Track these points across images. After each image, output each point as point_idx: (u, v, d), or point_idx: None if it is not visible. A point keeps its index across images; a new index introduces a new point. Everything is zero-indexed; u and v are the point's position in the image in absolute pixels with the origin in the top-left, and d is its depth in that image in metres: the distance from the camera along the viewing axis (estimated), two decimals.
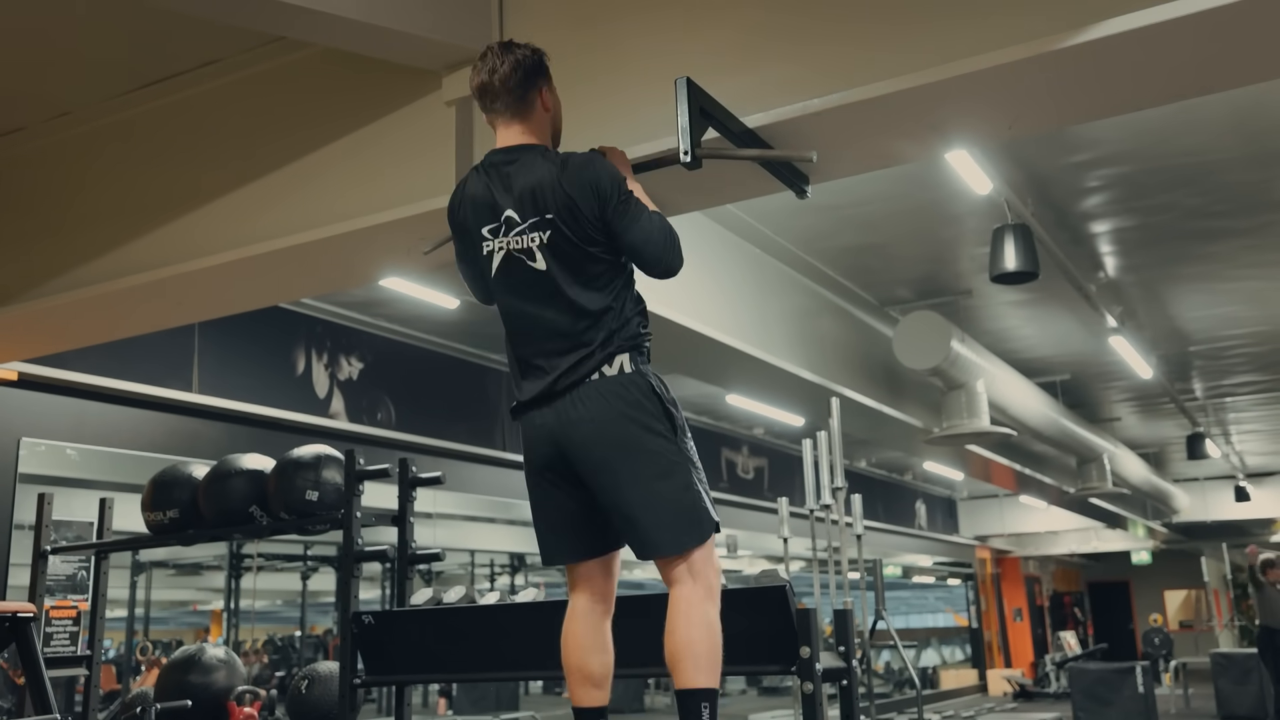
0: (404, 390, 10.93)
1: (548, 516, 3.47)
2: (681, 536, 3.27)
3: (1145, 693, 13.54)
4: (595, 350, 3.31)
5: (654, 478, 3.27)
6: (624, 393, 3.29)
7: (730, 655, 3.38)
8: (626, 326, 3.37)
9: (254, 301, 6.29)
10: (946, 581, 29.08)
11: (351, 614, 5.39)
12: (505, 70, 3.45)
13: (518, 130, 3.49)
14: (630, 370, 3.32)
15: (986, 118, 4.16)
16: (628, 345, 3.34)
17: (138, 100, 5.57)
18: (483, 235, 3.44)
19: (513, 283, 3.40)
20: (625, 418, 3.27)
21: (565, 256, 3.32)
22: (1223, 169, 8.31)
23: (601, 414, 3.28)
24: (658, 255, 3.38)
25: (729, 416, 16.11)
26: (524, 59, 3.49)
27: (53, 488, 6.98)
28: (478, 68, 3.50)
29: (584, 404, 3.29)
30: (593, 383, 3.30)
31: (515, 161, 3.41)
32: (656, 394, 3.33)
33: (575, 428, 3.29)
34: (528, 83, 3.48)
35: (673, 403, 3.37)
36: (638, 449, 3.27)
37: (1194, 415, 18.27)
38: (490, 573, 16.96)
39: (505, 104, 3.48)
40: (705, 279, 8.11)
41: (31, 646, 5.56)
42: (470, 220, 3.48)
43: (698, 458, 3.41)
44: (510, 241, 3.37)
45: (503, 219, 3.38)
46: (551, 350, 3.36)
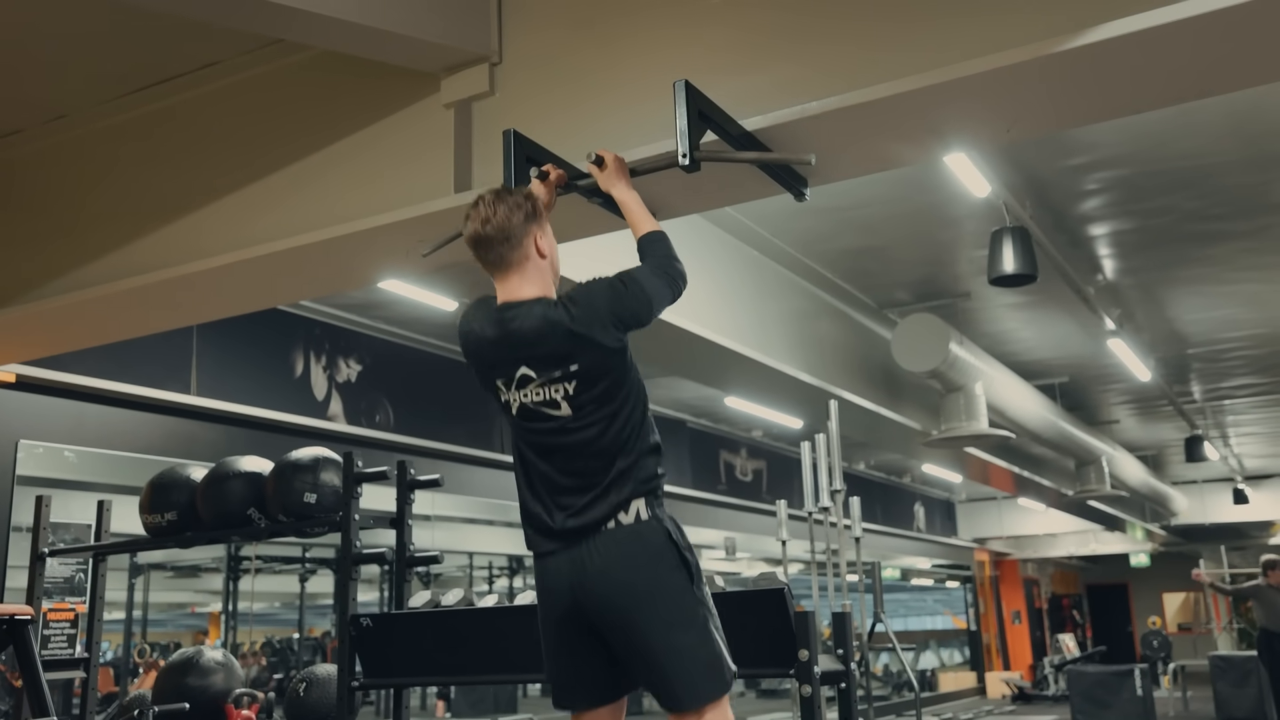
0: (402, 392, 10.92)
1: (564, 665, 3.42)
2: (703, 691, 3.25)
3: (1144, 695, 13.55)
4: (611, 495, 3.28)
5: (675, 630, 3.24)
6: (641, 543, 3.27)
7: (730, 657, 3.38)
8: (642, 469, 3.34)
9: (252, 304, 6.28)
10: (945, 584, 29.07)
11: (350, 616, 5.39)
12: (498, 220, 3.36)
13: (516, 282, 3.40)
14: (647, 517, 3.29)
15: (985, 120, 4.16)
16: (643, 490, 3.31)
17: (136, 103, 5.57)
18: (497, 385, 3.40)
19: (532, 427, 3.37)
20: (644, 570, 3.25)
21: (588, 400, 3.29)
22: (1221, 172, 8.31)
23: (620, 566, 3.25)
24: (670, 301, 3.47)
25: (727, 419, 16.10)
26: (517, 206, 3.40)
27: (51, 490, 6.99)
28: (470, 216, 3.42)
29: (601, 554, 3.26)
30: (609, 531, 3.27)
31: (520, 318, 3.34)
32: (673, 541, 3.30)
33: (594, 581, 3.26)
34: (522, 230, 3.39)
35: (688, 549, 3.33)
36: (657, 602, 3.24)
37: (1192, 418, 18.26)
38: (489, 575, 16.96)
39: (499, 254, 3.39)
40: (704, 281, 8.11)
41: (29, 649, 5.56)
42: (479, 369, 3.46)
43: (712, 602, 3.37)
44: (532, 393, 3.33)
45: (518, 375, 3.34)
46: (568, 495, 3.33)
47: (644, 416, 3.41)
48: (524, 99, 4.56)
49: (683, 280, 3.51)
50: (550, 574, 3.35)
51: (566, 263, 4.60)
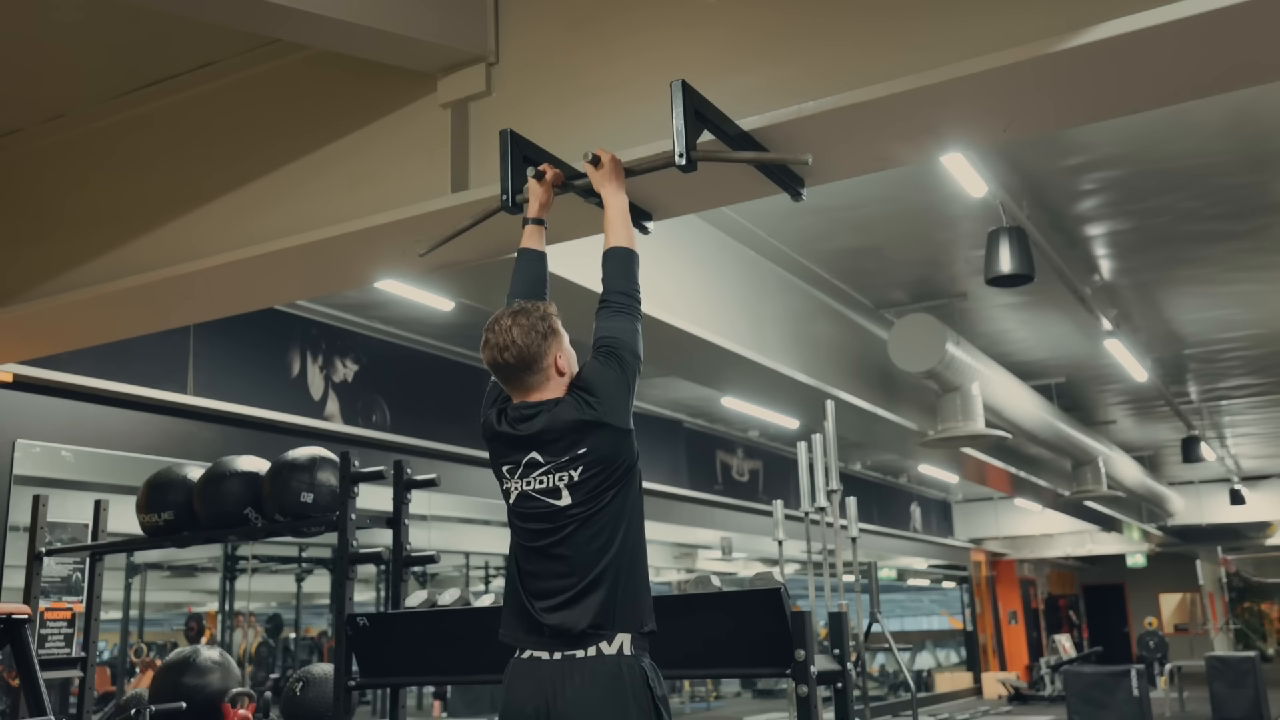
0: (399, 392, 10.92)
1: None
2: None
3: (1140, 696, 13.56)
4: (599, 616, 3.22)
5: None
6: (618, 682, 3.19)
7: (725, 658, 3.39)
8: (637, 605, 3.29)
9: (249, 303, 6.28)
10: (941, 584, 29.09)
11: (346, 616, 5.39)
12: (517, 349, 3.32)
13: (535, 395, 3.38)
14: (630, 653, 3.23)
15: (982, 121, 4.16)
16: (631, 628, 3.25)
17: (133, 103, 5.57)
18: (503, 472, 3.40)
19: (529, 519, 3.35)
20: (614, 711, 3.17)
21: (590, 490, 3.27)
22: (1218, 172, 8.32)
23: (590, 700, 3.17)
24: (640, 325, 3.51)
25: (724, 419, 16.11)
26: (533, 327, 3.35)
27: (48, 489, 6.99)
28: (488, 341, 3.37)
29: (575, 683, 3.19)
30: (588, 659, 3.21)
31: (536, 418, 3.33)
32: (649, 689, 3.23)
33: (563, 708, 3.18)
34: (540, 353, 3.35)
35: (663, 700, 3.26)
36: None
37: (1189, 418, 18.28)
38: (485, 575, 16.96)
39: (520, 378, 3.37)
40: (700, 281, 8.11)
41: (26, 648, 5.56)
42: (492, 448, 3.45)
43: None
44: (535, 480, 3.31)
45: (525, 461, 3.33)
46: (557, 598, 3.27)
47: (640, 535, 3.37)
48: (521, 99, 4.57)
49: (640, 303, 3.51)
50: (518, 695, 3.29)
51: (562, 261, 4.62)
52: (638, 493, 3.40)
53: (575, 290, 5.91)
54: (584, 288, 5.82)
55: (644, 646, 3.28)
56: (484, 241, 4.72)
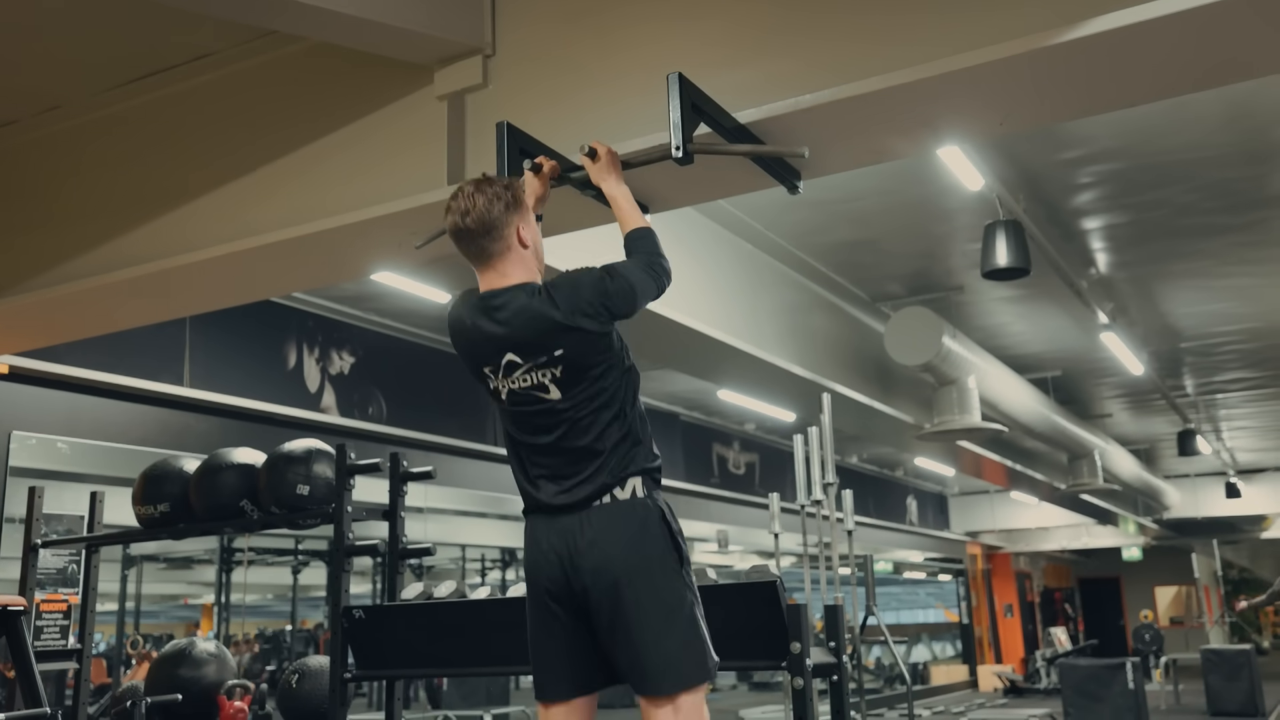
0: (395, 385, 10.92)
1: (546, 649, 3.38)
2: (682, 675, 3.22)
3: (1135, 689, 13.56)
4: (607, 471, 3.27)
5: (660, 612, 3.22)
6: (635, 520, 3.25)
7: (721, 650, 3.39)
8: (639, 450, 3.33)
9: (245, 295, 6.29)
10: (937, 577, 29.12)
11: (342, 608, 5.39)
12: (478, 212, 3.31)
13: (498, 272, 3.38)
14: (642, 495, 3.29)
15: (978, 114, 4.16)
16: (640, 472, 3.31)
17: (129, 94, 5.56)
18: (484, 373, 3.39)
19: (523, 412, 3.36)
20: (634, 547, 3.23)
21: (576, 384, 3.28)
22: (1214, 166, 8.32)
23: (610, 540, 3.23)
24: (654, 296, 3.45)
25: (720, 412, 16.12)
26: (497, 197, 3.35)
27: (43, 481, 6.98)
28: (450, 209, 3.37)
29: (593, 527, 3.25)
30: (603, 506, 3.26)
31: (504, 307, 3.31)
32: (666, 523, 3.29)
33: (583, 555, 3.23)
34: (502, 221, 3.35)
35: (680, 534, 3.32)
36: (644, 581, 3.22)
37: (1185, 412, 18.30)
38: (481, 568, 16.98)
39: (481, 247, 3.36)
40: (697, 274, 8.11)
41: (21, 640, 5.56)
42: (467, 358, 3.44)
43: (697, 591, 3.35)
44: (518, 380, 3.31)
45: (504, 363, 3.32)
46: (560, 479, 3.32)
47: (634, 404, 3.40)
48: (517, 91, 4.56)
49: (667, 276, 3.49)
50: (539, 545, 3.34)
51: (560, 255, 4.62)
52: (630, 372, 3.42)
53: None
54: None
55: (653, 484, 3.35)
56: None
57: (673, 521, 3.32)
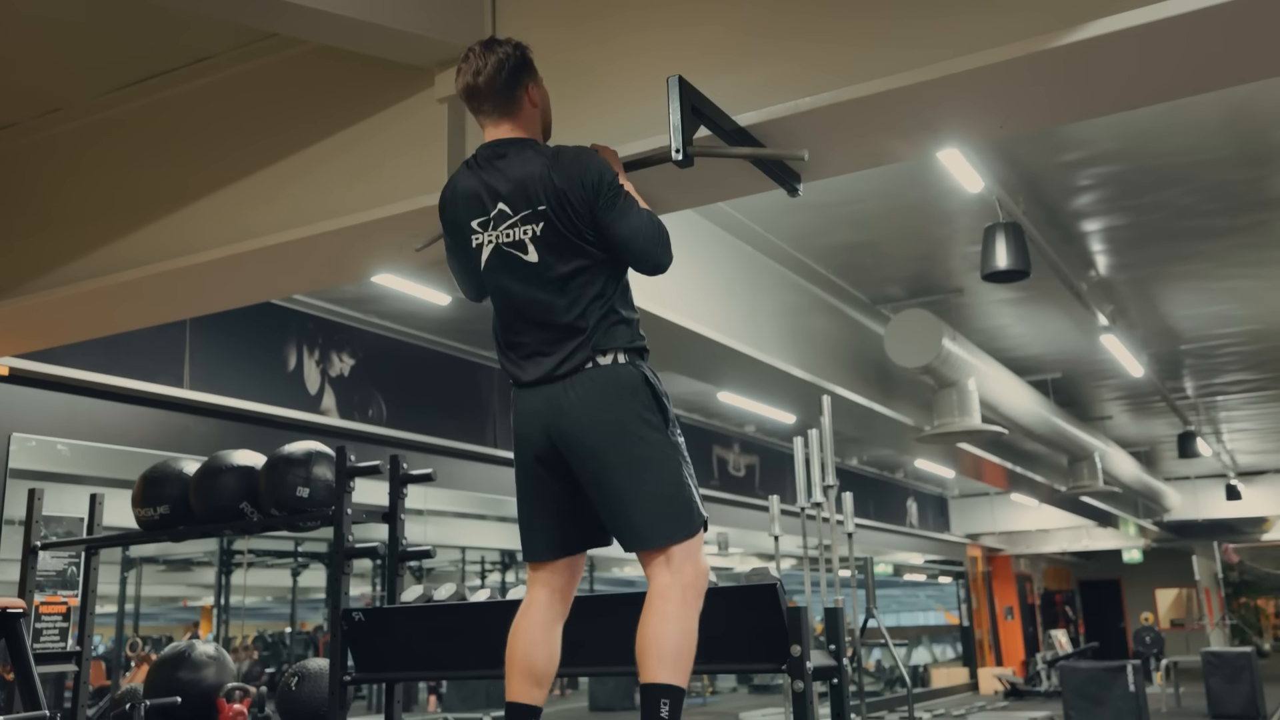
0: (395, 387, 10.92)
1: (534, 511, 3.44)
2: (669, 529, 3.23)
3: (1136, 691, 13.56)
4: (589, 341, 3.29)
5: (645, 468, 3.24)
6: (617, 382, 3.28)
7: (721, 653, 3.39)
8: (622, 328, 3.34)
9: (245, 298, 6.28)
10: (938, 579, 29.10)
11: (342, 611, 5.39)
12: (490, 70, 3.42)
13: (507, 128, 3.46)
14: (624, 361, 3.31)
15: (978, 116, 4.16)
16: (623, 346, 3.32)
17: (129, 96, 5.56)
18: (472, 228, 3.41)
19: (503, 275, 3.38)
20: (617, 406, 3.26)
21: (557, 248, 3.29)
22: (1214, 168, 8.32)
23: (594, 401, 3.26)
24: (646, 250, 3.35)
25: (720, 414, 16.12)
26: (507, 57, 3.45)
27: (43, 483, 6.97)
28: (461, 70, 3.47)
29: (577, 390, 3.27)
30: (587, 371, 3.28)
31: (505, 156, 3.39)
32: (649, 384, 3.32)
33: (566, 415, 3.27)
34: (513, 80, 3.45)
35: (665, 395, 3.35)
36: (629, 437, 3.24)
37: (1185, 414, 18.30)
38: (481, 570, 16.97)
39: (493, 105, 3.45)
40: (697, 276, 8.11)
41: (21, 642, 5.55)
42: (460, 214, 3.46)
43: (686, 452, 3.37)
44: (500, 235, 3.34)
45: (493, 213, 3.36)
46: (545, 339, 3.34)
47: (620, 286, 3.41)
48: None
49: (668, 254, 3.43)
50: (525, 413, 3.38)
51: None
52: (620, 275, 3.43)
53: None
54: None
55: (639, 356, 3.37)
56: None
57: (657, 384, 3.35)
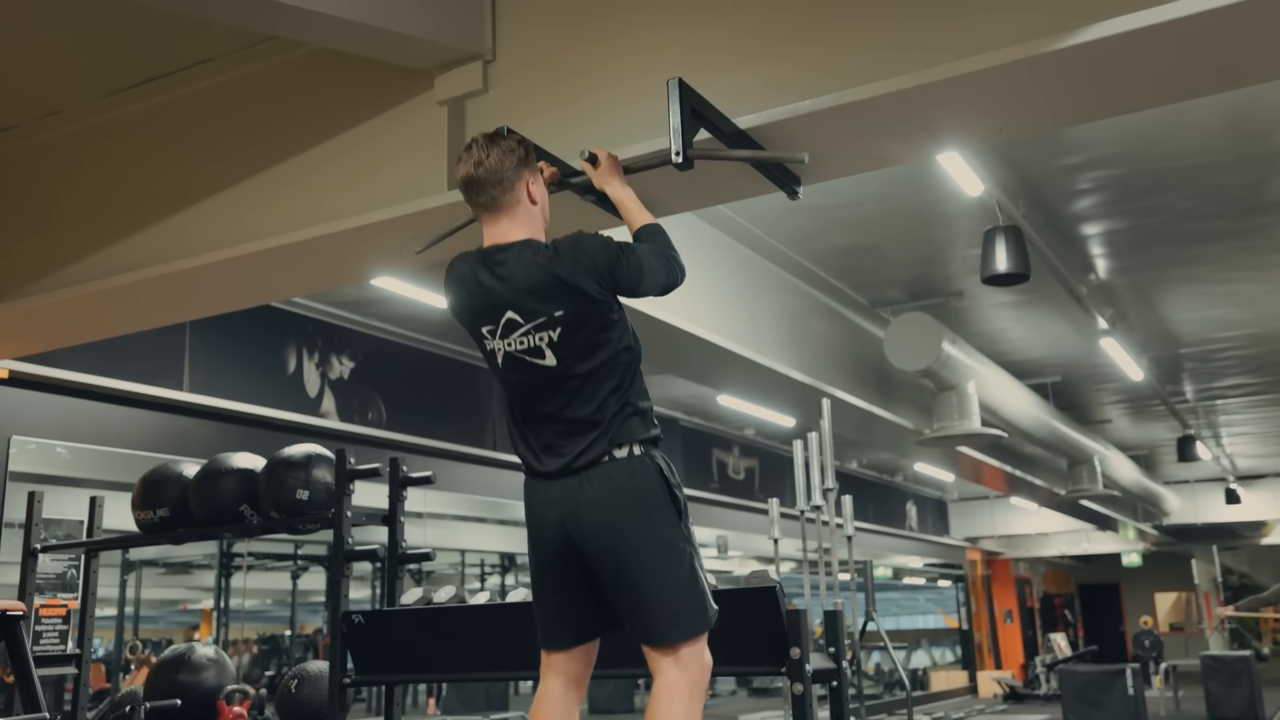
0: (395, 390, 10.92)
1: (552, 604, 3.44)
2: (681, 628, 3.26)
3: (1135, 695, 13.56)
4: (606, 434, 3.29)
5: (661, 564, 3.27)
6: (633, 476, 3.29)
7: (721, 656, 3.39)
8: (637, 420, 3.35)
9: (245, 300, 6.28)
10: (937, 583, 29.09)
11: (341, 613, 5.39)
12: (491, 162, 3.38)
13: (505, 225, 3.42)
14: (640, 453, 3.32)
15: (978, 119, 4.16)
16: (638, 439, 3.33)
17: (129, 99, 5.56)
18: (482, 334, 3.40)
19: (520, 377, 3.37)
20: (632, 502, 3.27)
21: (577, 351, 3.30)
22: (1214, 172, 8.32)
23: (610, 497, 3.27)
24: (664, 285, 3.45)
25: (720, 417, 16.11)
26: (510, 150, 3.42)
27: (43, 486, 6.98)
28: (463, 159, 3.43)
29: (593, 485, 3.28)
30: (602, 465, 3.29)
31: (505, 262, 3.34)
32: (665, 478, 3.33)
33: (583, 510, 3.28)
34: (514, 175, 3.41)
35: (679, 486, 3.37)
36: (645, 536, 3.27)
37: (1185, 417, 18.30)
38: (480, 573, 16.94)
39: (491, 197, 3.41)
40: (697, 279, 8.11)
41: (21, 645, 5.56)
42: (467, 316, 3.44)
43: (696, 542, 3.40)
44: (515, 342, 3.32)
45: (502, 321, 3.33)
46: (561, 432, 3.35)
47: (635, 379, 3.41)
48: (517, 96, 4.56)
49: (680, 271, 3.50)
50: (540, 504, 3.39)
51: None
52: (631, 348, 3.43)
53: None
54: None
55: (652, 446, 3.37)
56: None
57: (671, 475, 3.36)
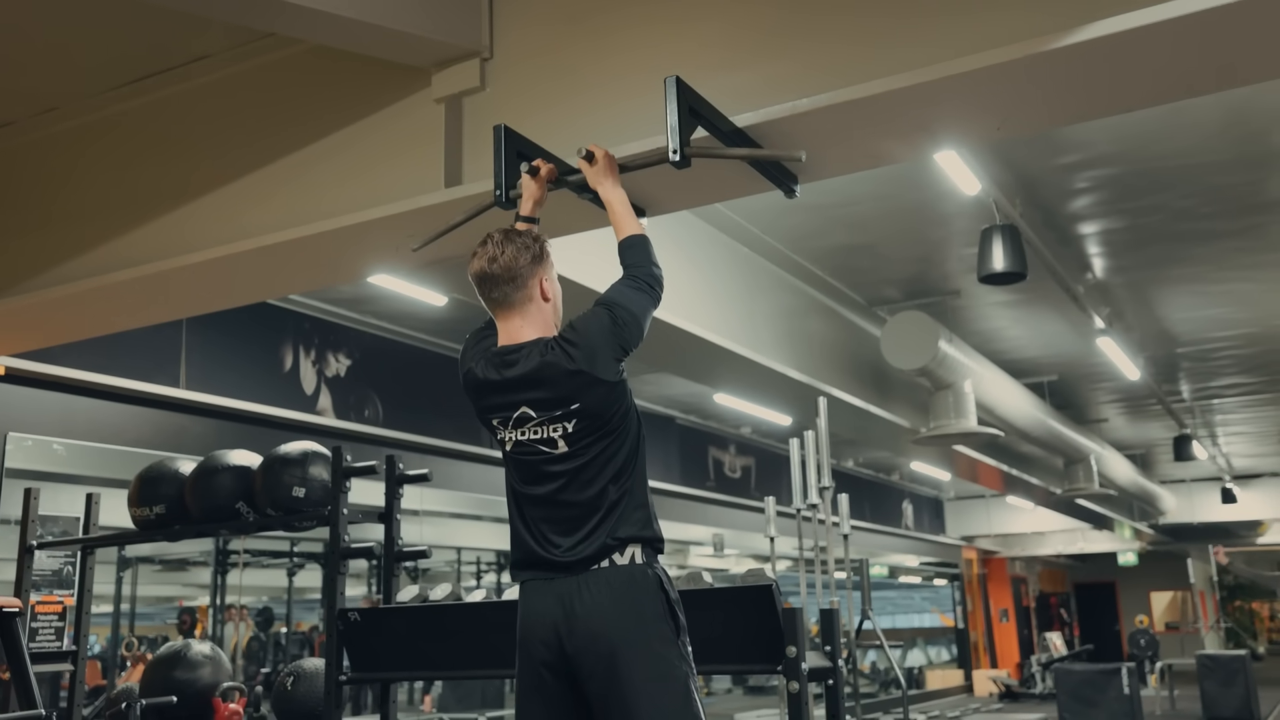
0: (392, 387, 10.91)
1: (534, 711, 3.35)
2: None
3: (1131, 694, 13.58)
4: (606, 531, 3.26)
5: (654, 687, 3.19)
6: (632, 587, 3.24)
7: (717, 654, 3.40)
8: (639, 514, 3.32)
9: (242, 297, 6.28)
10: (933, 582, 29.13)
11: (338, 610, 5.39)
12: (505, 259, 3.35)
13: (517, 324, 3.40)
14: (641, 562, 3.27)
15: (975, 118, 4.16)
16: (640, 539, 3.29)
17: (126, 96, 5.56)
18: (494, 423, 3.39)
19: (529, 465, 3.35)
20: (631, 613, 3.21)
21: (586, 441, 3.29)
22: (1211, 171, 8.33)
23: (608, 606, 3.21)
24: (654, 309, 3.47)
25: (716, 415, 16.11)
26: (525, 248, 3.39)
27: (39, 483, 6.97)
28: (478, 253, 3.41)
29: (590, 592, 3.23)
30: (601, 570, 3.24)
31: (520, 362, 3.32)
32: (664, 592, 3.27)
33: (579, 620, 3.22)
34: (528, 272, 3.39)
35: (677, 603, 3.31)
36: (640, 649, 3.20)
37: (1181, 417, 18.30)
38: (476, 570, 16.95)
39: (504, 294, 3.38)
40: (693, 278, 8.11)
41: (17, 641, 5.56)
42: (479, 404, 3.44)
43: (692, 659, 3.32)
44: (528, 432, 3.32)
45: (515, 415, 3.33)
46: (560, 534, 3.31)
47: (637, 465, 3.38)
48: (515, 94, 4.57)
49: (661, 286, 3.50)
50: (534, 609, 3.32)
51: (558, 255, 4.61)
52: (638, 432, 3.41)
53: (569, 287, 5.91)
54: (578, 283, 5.85)
55: (654, 555, 3.33)
56: (477, 236, 4.70)
57: (670, 590, 3.30)
